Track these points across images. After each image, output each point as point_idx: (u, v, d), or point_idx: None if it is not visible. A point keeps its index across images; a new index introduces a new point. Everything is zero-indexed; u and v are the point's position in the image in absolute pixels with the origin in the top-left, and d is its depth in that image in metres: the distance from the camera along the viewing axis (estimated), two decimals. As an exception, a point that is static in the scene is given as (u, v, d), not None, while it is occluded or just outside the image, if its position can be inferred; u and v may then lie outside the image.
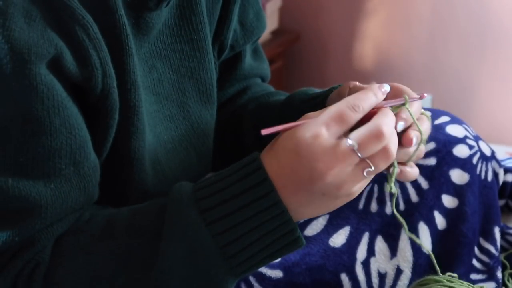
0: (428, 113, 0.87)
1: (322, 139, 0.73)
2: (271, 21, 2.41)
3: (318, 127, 0.74)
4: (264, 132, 0.75)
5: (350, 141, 0.74)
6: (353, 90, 0.89)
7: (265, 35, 2.38)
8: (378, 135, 0.74)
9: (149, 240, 0.78)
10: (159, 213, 0.78)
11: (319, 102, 0.98)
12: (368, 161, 0.74)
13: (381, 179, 0.95)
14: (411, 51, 2.51)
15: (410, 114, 0.81)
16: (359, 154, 0.74)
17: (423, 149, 0.86)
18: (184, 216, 0.76)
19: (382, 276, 0.98)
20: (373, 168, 0.75)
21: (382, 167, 0.76)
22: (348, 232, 0.98)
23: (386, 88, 0.81)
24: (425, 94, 0.85)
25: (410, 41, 2.50)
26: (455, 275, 0.98)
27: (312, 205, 0.76)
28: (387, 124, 0.75)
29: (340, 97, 0.92)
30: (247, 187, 0.75)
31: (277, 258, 0.79)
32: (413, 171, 0.84)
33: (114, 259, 0.78)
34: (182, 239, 0.76)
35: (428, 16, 2.45)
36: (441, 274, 0.95)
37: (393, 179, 0.81)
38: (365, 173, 0.75)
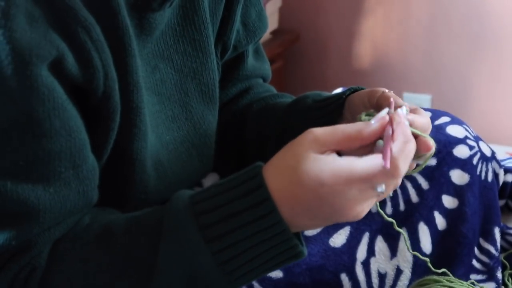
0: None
1: (349, 191, 0.71)
2: (271, 21, 2.41)
3: (346, 180, 0.71)
4: (388, 166, 0.70)
5: (379, 190, 0.72)
6: (371, 96, 0.88)
7: (265, 35, 2.38)
8: (395, 175, 0.71)
9: (146, 253, 0.76)
10: (156, 226, 0.77)
11: (334, 102, 0.96)
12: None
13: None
14: (411, 50, 2.51)
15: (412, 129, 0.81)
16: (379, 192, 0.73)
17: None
18: (182, 232, 0.74)
19: (382, 276, 0.98)
20: (384, 191, 0.73)
21: (392, 187, 0.74)
22: (348, 232, 0.98)
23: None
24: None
25: (409, 41, 2.50)
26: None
27: (315, 224, 0.76)
28: (404, 160, 0.72)
29: (358, 104, 0.92)
30: (247, 205, 0.73)
31: (278, 268, 0.78)
32: None
33: (109, 270, 0.77)
34: (181, 255, 0.75)
35: (427, 16, 2.45)
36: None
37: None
38: (377, 201, 0.74)
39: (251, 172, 0.74)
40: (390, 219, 0.94)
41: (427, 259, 0.98)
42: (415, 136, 0.79)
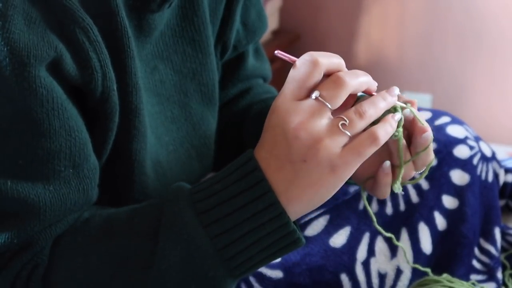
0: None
1: (286, 101, 0.74)
2: (271, 21, 2.41)
3: (282, 93, 0.75)
4: (279, 54, 0.76)
5: (314, 92, 0.74)
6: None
7: (265, 35, 2.37)
8: (336, 80, 0.74)
9: (146, 243, 0.77)
10: (156, 215, 0.78)
11: None
12: (343, 116, 0.74)
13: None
14: (411, 50, 2.51)
15: (412, 111, 0.81)
16: (328, 105, 0.73)
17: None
18: (181, 219, 0.75)
19: (382, 277, 0.98)
20: (347, 121, 0.73)
21: (358, 123, 0.74)
22: (348, 232, 0.98)
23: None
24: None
25: (410, 41, 2.50)
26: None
27: (299, 181, 0.74)
28: (348, 74, 0.75)
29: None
30: (243, 188, 0.74)
31: (277, 258, 0.78)
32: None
33: (111, 261, 0.78)
34: (179, 242, 0.75)
35: (426, 15, 2.45)
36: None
37: (400, 178, 0.80)
38: (340, 127, 0.73)
39: (245, 157, 0.76)
40: (389, 234, 0.94)
41: (428, 270, 0.98)
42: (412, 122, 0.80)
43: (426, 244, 1.00)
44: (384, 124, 0.76)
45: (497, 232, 1.04)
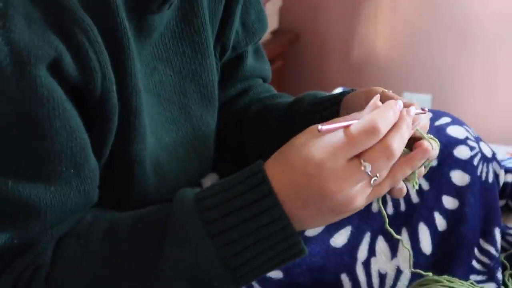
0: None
1: (334, 161, 0.73)
2: (271, 21, 2.42)
3: (330, 149, 0.74)
4: (323, 129, 0.74)
5: (366, 165, 0.74)
6: (369, 96, 0.88)
7: (265, 35, 2.37)
8: (388, 154, 0.74)
9: (151, 249, 0.77)
10: (162, 222, 0.78)
11: (329, 105, 0.97)
12: (376, 173, 0.75)
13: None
14: (412, 50, 2.51)
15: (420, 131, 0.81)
16: (369, 173, 0.74)
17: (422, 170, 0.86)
18: (188, 227, 0.76)
19: (382, 277, 0.98)
20: (378, 177, 0.75)
21: (384, 175, 0.77)
22: (349, 232, 0.98)
23: (412, 111, 0.79)
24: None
25: (410, 41, 2.50)
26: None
27: (318, 219, 0.77)
28: (398, 140, 0.75)
29: (355, 103, 0.92)
30: (251, 200, 0.74)
31: (279, 267, 0.78)
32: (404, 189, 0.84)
33: (115, 265, 0.78)
34: (185, 251, 0.75)
35: (428, 16, 2.45)
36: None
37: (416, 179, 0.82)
38: (372, 183, 0.75)
39: (254, 168, 0.76)
40: (399, 237, 0.95)
41: (430, 274, 0.98)
42: (420, 138, 0.80)
43: (426, 245, 1.00)
44: (405, 168, 0.79)
45: (497, 233, 1.04)
